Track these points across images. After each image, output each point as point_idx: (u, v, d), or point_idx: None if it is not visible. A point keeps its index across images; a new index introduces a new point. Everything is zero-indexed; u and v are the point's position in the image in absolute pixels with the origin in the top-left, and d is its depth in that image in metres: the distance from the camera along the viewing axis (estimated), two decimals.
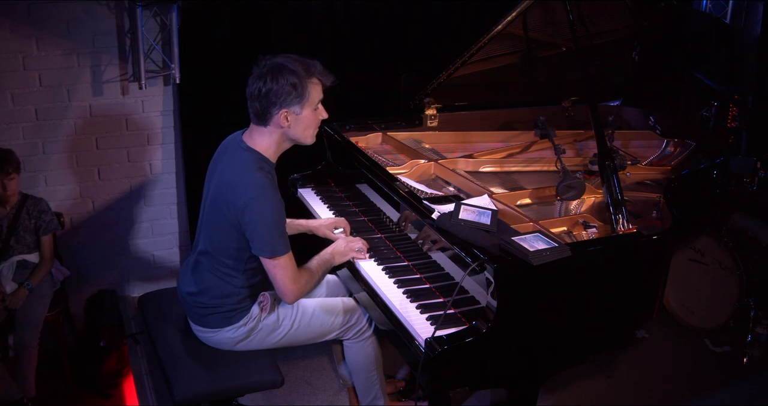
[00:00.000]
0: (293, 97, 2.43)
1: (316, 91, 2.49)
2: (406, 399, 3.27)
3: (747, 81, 4.54)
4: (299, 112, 2.46)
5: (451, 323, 2.34)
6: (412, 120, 3.69)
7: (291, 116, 2.46)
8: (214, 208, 2.57)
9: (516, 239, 2.30)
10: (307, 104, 2.47)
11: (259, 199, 2.42)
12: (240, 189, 2.45)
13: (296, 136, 2.52)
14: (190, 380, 2.58)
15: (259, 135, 2.53)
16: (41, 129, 3.97)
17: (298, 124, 2.49)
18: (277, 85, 2.41)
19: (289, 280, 2.52)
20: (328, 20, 4.18)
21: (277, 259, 2.48)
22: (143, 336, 3.86)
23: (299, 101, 2.44)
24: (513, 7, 3.13)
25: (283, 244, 2.49)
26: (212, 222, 2.60)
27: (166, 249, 4.40)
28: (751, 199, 3.96)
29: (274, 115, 2.45)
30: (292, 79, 2.41)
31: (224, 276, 2.61)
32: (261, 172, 2.47)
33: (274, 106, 2.43)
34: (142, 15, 3.79)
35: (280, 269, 2.50)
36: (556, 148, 3.01)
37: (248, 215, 2.43)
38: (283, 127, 2.48)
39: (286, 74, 2.41)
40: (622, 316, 2.52)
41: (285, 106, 2.43)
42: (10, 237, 3.48)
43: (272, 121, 2.47)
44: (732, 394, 3.60)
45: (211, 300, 2.63)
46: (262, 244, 2.47)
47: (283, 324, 2.72)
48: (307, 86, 2.45)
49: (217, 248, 2.60)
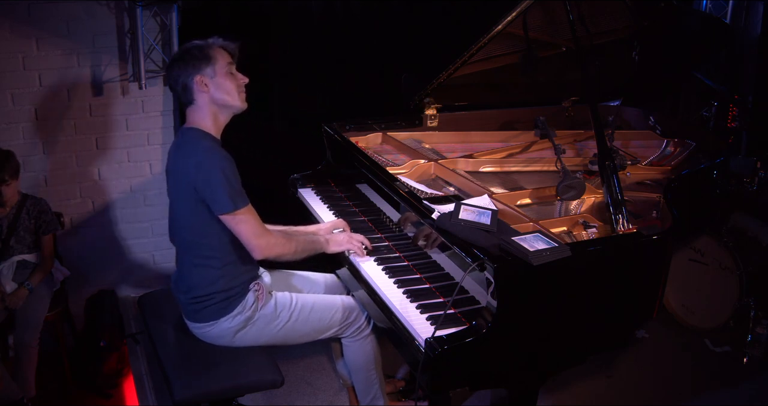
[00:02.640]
0: (199, 61, 2.57)
1: (221, 55, 2.61)
2: (406, 399, 3.27)
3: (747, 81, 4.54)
4: (212, 74, 2.58)
5: (451, 323, 2.34)
6: (412, 120, 3.69)
7: (206, 80, 2.58)
8: (174, 192, 2.65)
9: (516, 239, 2.30)
10: (217, 67, 2.59)
11: (207, 159, 2.52)
12: (189, 158, 2.55)
13: (222, 99, 2.61)
14: (190, 380, 2.58)
15: (193, 114, 2.64)
16: (41, 129, 3.97)
17: (218, 88, 2.59)
18: (182, 61, 2.59)
19: (253, 235, 2.56)
20: (328, 20, 4.18)
21: (238, 214, 2.52)
22: (143, 336, 3.86)
23: (207, 64, 2.57)
24: (513, 7, 3.13)
25: (241, 197, 2.54)
26: (176, 209, 2.68)
27: (166, 249, 4.40)
28: (751, 199, 3.96)
29: (193, 87, 2.58)
30: (192, 50, 2.60)
31: (204, 261, 2.64)
32: (206, 140, 2.59)
33: (188, 76, 2.57)
34: (142, 15, 3.79)
35: (243, 225, 2.55)
36: (556, 148, 3.01)
37: (201, 176, 2.50)
38: (206, 92, 2.58)
39: (186, 50, 2.62)
40: (622, 316, 2.52)
41: (196, 73, 2.57)
42: (10, 237, 3.48)
43: (195, 93, 2.59)
44: (732, 394, 3.60)
45: (202, 291, 2.65)
46: (220, 200, 2.50)
47: (281, 316, 2.73)
48: (209, 51, 2.59)
49: (189, 236, 2.64)
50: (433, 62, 3.46)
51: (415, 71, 3.69)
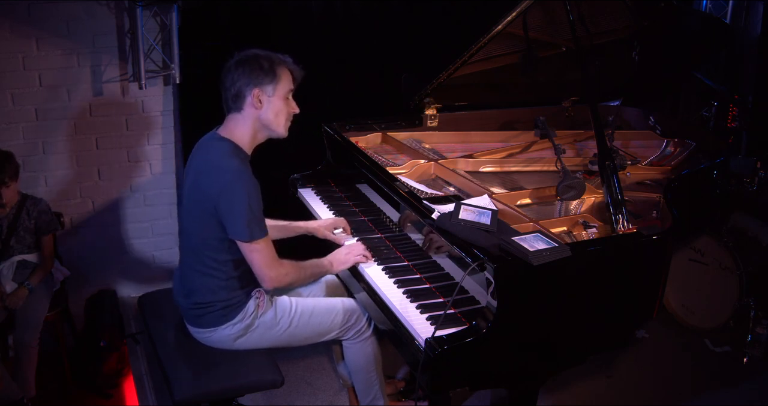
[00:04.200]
0: (264, 76, 2.51)
1: (287, 78, 2.57)
2: (406, 399, 3.27)
3: (747, 81, 4.55)
4: (271, 93, 2.53)
5: (451, 323, 2.34)
6: (412, 120, 3.69)
7: (263, 97, 2.52)
8: (191, 200, 2.61)
9: (516, 239, 2.30)
10: (279, 87, 2.54)
11: (234, 182, 2.47)
12: (215, 174, 2.50)
13: (269, 121, 2.56)
14: (190, 380, 2.58)
15: (234, 123, 2.58)
16: (41, 129, 3.97)
17: (270, 108, 2.54)
18: (249, 68, 2.51)
19: (265, 265, 2.54)
20: (328, 20, 4.18)
21: (254, 243, 2.50)
22: (143, 336, 3.86)
23: (270, 81, 2.52)
24: (513, 7, 3.13)
25: (260, 227, 2.51)
26: (190, 217, 2.63)
27: (166, 249, 4.40)
28: (751, 199, 3.96)
29: (247, 96, 2.52)
30: (262, 61, 2.52)
31: (209, 270, 2.62)
32: (236, 158, 2.52)
33: (246, 86, 2.51)
34: (142, 15, 3.79)
35: (257, 254, 2.52)
36: (556, 148, 3.01)
37: (224, 198, 2.46)
38: (257, 109, 2.53)
39: (257, 58, 2.53)
40: (622, 316, 2.52)
41: (257, 85, 2.51)
42: (10, 237, 3.48)
43: (246, 104, 2.53)
44: (732, 394, 3.60)
45: (203, 298, 2.64)
46: (239, 227, 2.48)
47: (281, 322, 2.72)
48: (277, 70, 2.54)
49: (198, 244, 2.61)
50: (433, 62, 3.46)
51: (415, 71, 3.69)
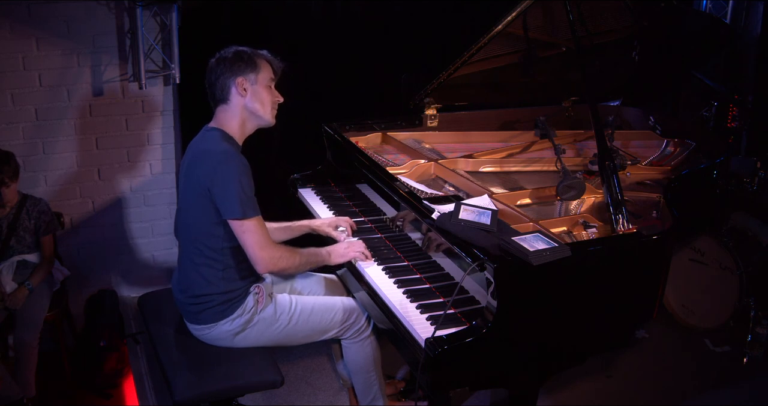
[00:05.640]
0: (245, 66, 2.61)
1: (266, 68, 2.67)
2: (406, 399, 3.27)
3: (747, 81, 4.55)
4: (254, 81, 2.62)
5: (451, 323, 2.34)
6: (412, 120, 3.69)
7: (247, 85, 2.61)
8: (186, 189, 2.65)
9: (516, 239, 2.30)
10: (260, 76, 2.63)
11: (224, 162, 2.53)
12: (206, 158, 2.57)
13: (254, 108, 2.64)
14: (190, 380, 2.58)
15: (222, 114, 2.66)
16: (41, 129, 3.97)
17: (255, 96, 2.63)
18: (230, 61, 2.62)
19: (258, 246, 2.56)
20: (328, 20, 4.18)
21: (246, 221, 2.52)
22: (143, 336, 3.86)
23: (252, 70, 2.62)
24: (513, 7, 3.13)
25: (252, 206, 2.55)
26: (186, 205, 2.67)
27: (166, 249, 4.40)
28: (751, 200, 3.96)
29: (232, 87, 2.61)
30: (241, 54, 2.63)
31: (206, 260, 2.63)
32: (226, 143, 2.60)
33: (230, 77, 2.61)
34: (142, 15, 3.79)
35: (250, 234, 2.54)
36: (556, 148, 3.01)
37: (216, 178, 2.51)
38: (243, 96, 2.62)
39: (236, 52, 2.64)
40: (622, 316, 2.52)
41: (240, 75, 2.60)
42: (10, 237, 3.48)
43: (232, 94, 2.62)
44: (732, 394, 3.60)
45: (200, 290, 2.64)
46: (231, 205, 2.51)
47: (281, 318, 2.73)
48: (256, 60, 2.64)
49: (194, 234, 2.63)
50: (433, 62, 3.46)
51: (415, 71, 3.69)
